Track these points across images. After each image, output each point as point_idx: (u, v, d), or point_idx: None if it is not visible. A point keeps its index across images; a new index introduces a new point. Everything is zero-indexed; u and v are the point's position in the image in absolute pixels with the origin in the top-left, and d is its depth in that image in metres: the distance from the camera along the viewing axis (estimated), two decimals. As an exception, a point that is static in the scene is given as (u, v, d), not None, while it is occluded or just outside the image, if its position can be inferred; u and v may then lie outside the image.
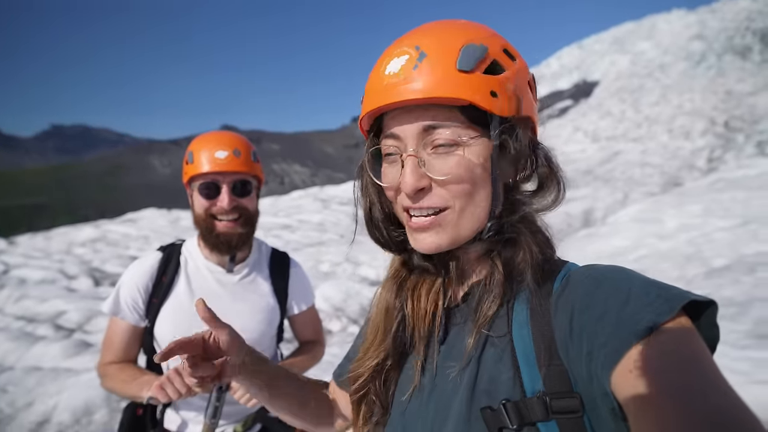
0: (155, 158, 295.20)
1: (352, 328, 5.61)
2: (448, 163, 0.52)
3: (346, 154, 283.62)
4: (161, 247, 1.27)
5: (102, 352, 1.21)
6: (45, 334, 4.80)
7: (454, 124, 0.51)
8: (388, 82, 0.52)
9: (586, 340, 0.45)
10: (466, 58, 0.50)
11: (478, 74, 0.50)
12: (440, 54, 0.50)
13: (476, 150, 0.52)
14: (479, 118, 0.52)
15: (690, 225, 8.09)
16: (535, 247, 0.54)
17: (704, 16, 49.96)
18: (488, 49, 0.51)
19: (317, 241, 11.32)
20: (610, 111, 33.22)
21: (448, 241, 0.54)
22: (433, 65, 0.50)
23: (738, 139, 22.36)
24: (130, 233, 11.54)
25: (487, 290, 0.55)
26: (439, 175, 0.52)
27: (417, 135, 0.52)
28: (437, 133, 0.52)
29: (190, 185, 1.20)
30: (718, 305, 0.44)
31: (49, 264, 7.91)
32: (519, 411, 0.47)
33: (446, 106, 0.51)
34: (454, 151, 0.52)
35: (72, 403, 3.17)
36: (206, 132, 1.23)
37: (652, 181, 17.39)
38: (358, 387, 0.63)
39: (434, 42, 0.51)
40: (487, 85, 0.50)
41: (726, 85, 30.70)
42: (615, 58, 48.82)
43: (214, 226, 1.16)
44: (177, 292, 1.19)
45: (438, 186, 0.52)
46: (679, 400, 0.36)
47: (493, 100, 0.50)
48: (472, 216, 0.53)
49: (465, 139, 0.52)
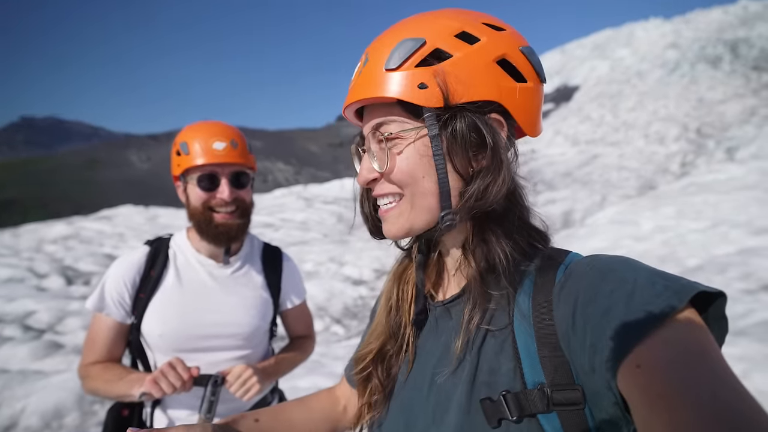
0: (133, 153, 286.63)
1: (335, 327, 5.58)
2: (390, 156, 0.55)
3: (330, 153, 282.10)
4: (148, 241, 1.23)
5: (84, 352, 1.16)
6: (12, 335, 4.60)
7: (396, 120, 0.55)
8: (351, 84, 0.58)
9: (590, 333, 0.44)
10: (393, 56, 0.53)
11: (406, 70, 0.52)
12: (375, 56, 0.55)
13: (417, 142, 0.54)
14: (418, 112, 0.53)
15: (664, 227, 8.39)
16: (505, 243, 0.53)
17: (679, 25, 51.88)
18: (426, 40, 0.52)
19: (300, 240, 11.21)
20: (590, 115, 34.12)
21: (406, 227, 0.56)
22: (369, 68, 0.55)
23: (709, 145, 23.30)
24: (104, 230, 11.16)
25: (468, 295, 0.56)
26: (381, 167, 0.56)
27: (370, 132, 0.57)
28: (382, 128, 0.56)
29: (183, 177, 1.17)
30: (727, 296, 0.44)
31: (17, 262, 7.57)
32: (519, 402, 0.47)
33: (388, 104, 0.55)
34: (396, 145, 0.55)
35: (41, 407, 3.04)
36: (195, 122, 1.20)
37: (629, 184, 17.94)
38: (363, 367, 0.66)
39: (376, 45, 0.56)
40: (414, 79, 0.52)
41: (698, 93, 31.96)
42: (595, 63, 50.17)
43: (213, 218, 1.14)
44: (166, 286, 1.16)
45: (385, 177, 0.56)
46: (689, 397, 0.35)
47: (421, 92, 0.52)
48: (422, 206, 0.55)
49: (404, 133, 0.54)
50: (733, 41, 41.37)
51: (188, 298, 1.16)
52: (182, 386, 0.97)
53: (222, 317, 1.16)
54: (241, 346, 1.18)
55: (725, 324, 0.44)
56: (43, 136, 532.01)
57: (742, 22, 46.16)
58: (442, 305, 0.60)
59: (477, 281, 0.54)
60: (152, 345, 1.14)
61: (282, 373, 1.24)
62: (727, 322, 0.45)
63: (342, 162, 32.14)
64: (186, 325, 1.13)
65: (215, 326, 1.15)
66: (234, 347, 1.17)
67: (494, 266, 0.53)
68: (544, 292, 0.51)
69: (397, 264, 0.69)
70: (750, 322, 3.70)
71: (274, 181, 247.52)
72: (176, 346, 1.12)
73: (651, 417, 0.37)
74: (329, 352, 4.33)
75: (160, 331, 1.12)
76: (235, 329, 1.16)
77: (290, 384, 3.17)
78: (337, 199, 16.83)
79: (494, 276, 0.53)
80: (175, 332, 1.12)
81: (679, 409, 0.35)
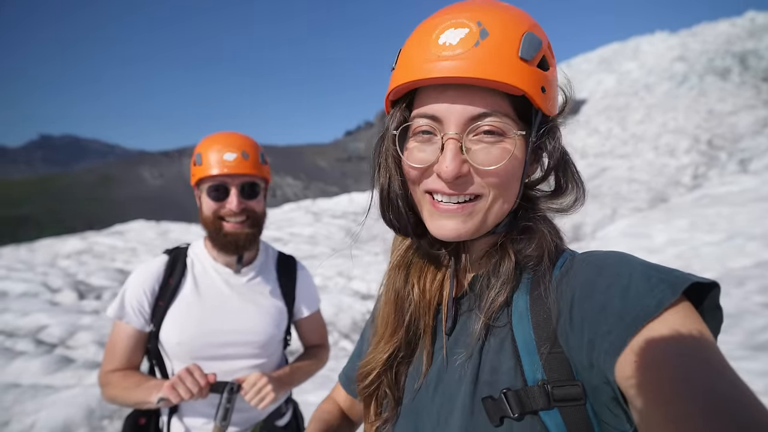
0: (146, 170, 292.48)
1: (343, 342, 5.53)
2: (493, 153, 0.49)
3: (339, 168, 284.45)
4: (167, 251, 1.26)
5: (104, 360, 1.17)
6: (25, 350, 4.64)
7: (505, 115, 0.49)
8: (442, 54, 0.47)
9: (588, 328, 0.44)
10: (527, 46, 0.47)
11: (534, 66, 0.48)
12: (504, 36, 0.47)
13: (519, 144, 0.50)
14: (524, 112, 0.50)
15: (677, 239, 8.23)
16: (549, 239, 0.54)
17: (686, 39, 51.94)
18: (542, 42, 0.49)
19: (309, 254, 11.24)
20: (598, 128, 34.01)
21: (472, 230, 0.52)
22: (496, 46, 0.46)
23: (721, 156, 23.00)
24: (117, 245, 11.33)
25: (495, 276, 0.53)
26: (484, 165, 0.49)
27: (464, 120, 0.49)
28: (487, 119, 0.49)
29: (198, 187, 1.20)
30: (720, 287, 0.43)
31: (32, 276, 7.70)
32: (520, 399, 0.47)
33: (497, 93, 0.48)
34: (500, 143, 0.49)
35: (51, 422, 3.05)
36: (214, 133, 1.23)
37: (639, 197, 17.71)
38: (370, 382, 0.62)
39: (498, 22, 0.48)
40: (540, 80, 0.48)
41: (708, 105, 31.73)
42: (602, 77, 50.29)
43: (222, 226, 1.16)
44: (184, 294, 1.18)
45: (477, 175, 0.50)
46: (685, 389, 0.35)
47: (543, 96, 0.49)
48: (500, 209, 0.52)
49: (513, 131, 0.50)
50: (742, 53, 41.22)
51: (205, 307, 1.17)
52: (199, 392, 0.98)
53: (238, 325, 1.17)
54: (256, 354, 1.18)
55: (720, 314, 0.44)
56: (61, 153, 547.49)
57: (750, 35, 46.06)
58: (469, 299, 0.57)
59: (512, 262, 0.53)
60: (170, 353, 1.15)
61: (297, 382, 1.23)
62: (722, 313, 0.44)
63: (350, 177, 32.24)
64: (203, 333, 1.14)
65: (231, 334, 1.16)
66: (249, 356, 1.17)
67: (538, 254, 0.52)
68: (541, 289, 0.51)
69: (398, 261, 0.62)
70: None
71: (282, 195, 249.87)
72: (193, 354, 1.13)
73: (649, 410, 0.37)
74: (338, 367, 4.28)
75: (177, 339, 1.13)
76: (250, 337, 1.17)
77: (301, 399, 3.13)
78: (346, 213, 16.90)
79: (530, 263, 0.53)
80: (192, 340, 1.13)
81: (677, 402, 0.35)
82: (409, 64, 0.50)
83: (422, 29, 0.51)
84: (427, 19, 0.52)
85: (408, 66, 0.50)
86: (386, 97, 0.55)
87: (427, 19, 0.51)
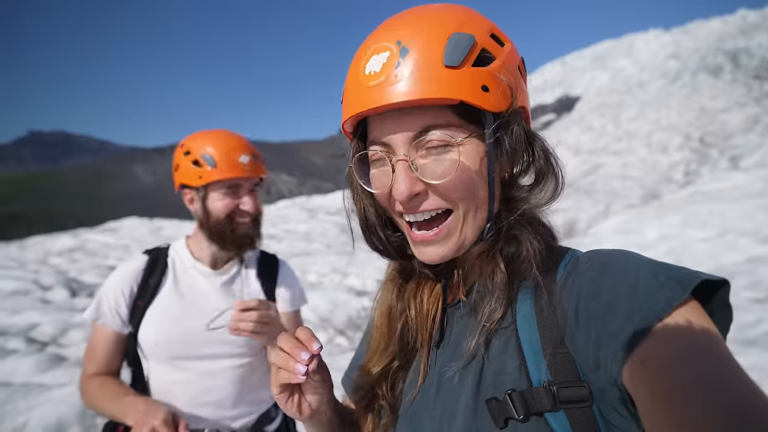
0: (138, 166, 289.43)
1: (338, 339, 5.54)
2: (442, 165, 0.49)
3: (333, 164, 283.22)
4: (147, 251, 1.24)
5: (84, 364, 1.15)
6: (16, 348, 4.59)
7: (445, 125, 0.48)
8: (368, 84, 0.47)
9: (595, 328, 0.43)
10: (452, 51, 0.46)
11: (467, 68, 0.46)
12: (424, 48, 0.46)
13: (471, 149, 0.49)
14: (471, 115, 0.49)
15: (669, 235, 8.33)
16: (537, 240, 0.52)
17: (679, 36, 52.31)
18: (475, 37, 0.47)
19: (304, 251, 11.21)
20: (592, 125, 34.22)
21: (454, 249, 0.51)
22: (417, 62, 0.46)
23: (712, 153, 23.26)
24: (109, 242, 11.23)
25: (489, 291, 0.52)
26: (434, 179, 0.49)
27: (407, 140, 0.49)
28: (429, 134, 0.48)
29: (203, 188, 1.17)
30: (730, 284, 0.42)
31: (22, 274, 7.61)
32: (525, 400, 0.46)
33: (435, 107, 0.48)
34: (447, 153, 0.49)
35: (44, 421, 3.02)
36: (204, 131, 1.21)
37: (633, 193, 17.89)
38: (365, 393, 0.62)
39: (416, 34, 0.47)
40: (477, 80, 0.46)
41: (700, 102, 32.03)
42: (596, 74, 50.53)
43: (236, 226, 1.18)
44: (164, 294, 1.16)
45: (433, 190, 0.50)
46: (696, 391, 0.34)
47: (485, 95, 0.47)
48: (475, 220, 0.51)
49: (458, 139, 0.48)
50: (734, 51, 41.60)
51: (185, 306, 1.16)
52: None
53: (219, 323, 1.15)
54: (238, 354, 1.17)
55: (729, 313, 0.43)
56: (51, 150, 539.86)
57: (741, 32, 46.47)
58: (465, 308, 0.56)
59: (503, 274, 0.52)
60: (148, 353, 1.13)
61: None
62: (731, 311, 0.43)
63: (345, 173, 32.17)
64: (182, 332, 1.12)
65: (211, 333, 1.14)
66: (230, 355, 1.16)
67: (527, 260, 0.51)
68: (546, 289, 0.50)
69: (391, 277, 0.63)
70: (760, 331, 3.64)
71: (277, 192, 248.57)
72: (172, 354, 1.11)
73: (658, 413, 0.36)
74: (333, 364, 4.28)
75: (155, 338, 1.11)
76: (231, 336, 1.14)
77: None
78: (341, 210, 16.84)
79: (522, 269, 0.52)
80: (170, 339, 1.11)
81: (688, 404, 0.34)
82: (346, 98, 0.51)
83: (354, 60, 0.51)
84: (360, 45, 0.51)
85: (346, 101, 0.51)
86: (342, 128, 0.56)
87: (360, 46, 0.51)
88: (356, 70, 0.49)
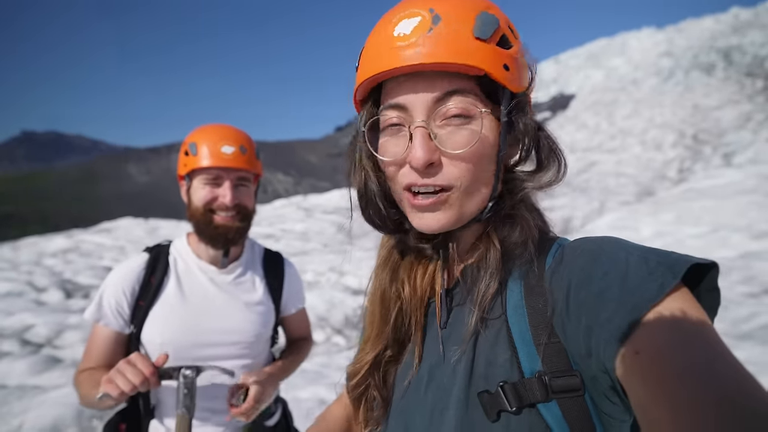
0: (132, 166, 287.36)
1: (336, 338, 5.53)
2: (462, 135, 0.48)
3: (329, 164, 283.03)
4: (148, 248, 1.21)
5: (82, 361, 1.13)
6: (10, 350, 4.55)
7: (470, 90, 0.48)
8: (397, 45, 0.48)
9: (585, 316, 0.43)
10: (482, 25, 0.47)
11: (492, 45, 0.48)
12: (456, 19, 0.47)
13: (488, 124, 0.49)
14: (491, 92, 0.49)
15: (664, 232, 8.40)
16: (533, 224, 0.53)
17: (672, 34, 52.65)
18: (499, 21, 0.49)
19: (300, 250, 11.19)
20: (586, 123, 34.38)
21: (454, 218, 0.51)
22: (449, 30, 0.47)
23: (705, 151, 23.46)
24: (104, 243, 11.13)
25: (483, 267, 0.52)
26: (453, 148, 0.48)
27: (428, 105, 0.49)
28: (451, 101, 0.48)
29: (188, 177, 1.16)
30: (719, 267, 0.42)
31: (16, 276, 7.53)
32: (517, 392, 0.46)
33: (459, 76, 0.48)
34: (468, 125, 0.49)
35: (39, 423, 3.00)
36: (215, 124, 1.20)
37: (627, 190, 18.00)
38: (357, 383, 0.60)
39: (449, 6, 0.48)
40: (500, 57, 0.48)
41: (693, 100, 32.28)
42: (590, 72, 50.75)
43: (212, 219, 1.13)
44: (167, 294, 1.14)
45: (448, 161, 0.49)
46: (690, 380, 0.35)
47: (506, 73, 0.48)
48: (478, 195, 0.51)
49: (480, 111, 0.49)
50: (726, 49, 41.94)
51: (190, 306, 1.14)
52: (144, 382, 0.88)
53: (224, 324, 1.15)
54: (243, 354, 1.16)
55: (717, 295, 0.43)
56: (44, 150, 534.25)
57: (733, 30, 46.85)
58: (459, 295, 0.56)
59: (497, 251, 0.52)
60: (152, 354, 1.11)
61: (285, 377, 1.22)
62: (719, 293, 0.43)
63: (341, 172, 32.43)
64: (187, 332, 1.11)
65: (217, 334, 1.13)
66: (236, 356, 1.15)
67: (522, 243, 0.51)
68: (535, 278, 0.50)
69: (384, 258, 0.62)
70: (754, 325, 3.69)
71: (273, 191, 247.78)
72: (177, 355, 1.09)
73: (651, 402, 0.36)
74: (331, 363, 4.29)
75: (160, 339, 1.09)
76: (237, 337, 1.15)
77: (291, 395, 3.13)
78: (337, 209, 16.86)
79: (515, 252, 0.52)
80: (176, 340, 1.10)
81: (680, 391, 0.35)
82: (369, 59, 0.51)
83: (379, 25, 0.51)
84: (385, 14, 0.52)
85: (367, 62, 0.51)
86: (354, 97, 0.55)
87: (384, 15, 0.52)
88: (382, 33, 0.50)
